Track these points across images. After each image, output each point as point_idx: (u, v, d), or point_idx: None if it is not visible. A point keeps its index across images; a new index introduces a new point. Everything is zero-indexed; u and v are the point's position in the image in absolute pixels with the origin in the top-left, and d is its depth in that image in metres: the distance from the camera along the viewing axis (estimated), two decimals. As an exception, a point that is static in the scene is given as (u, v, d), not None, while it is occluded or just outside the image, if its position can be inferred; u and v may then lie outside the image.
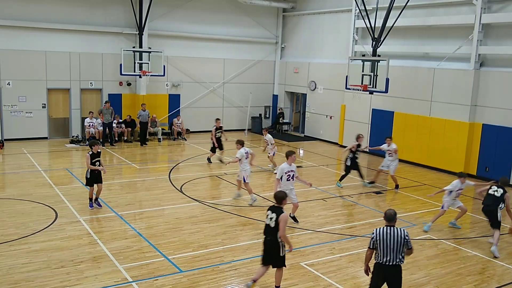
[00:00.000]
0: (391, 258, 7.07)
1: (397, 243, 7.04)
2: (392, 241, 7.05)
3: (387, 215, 7.23)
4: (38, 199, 13.14)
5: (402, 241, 7.07)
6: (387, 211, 7.27)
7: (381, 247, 7.09)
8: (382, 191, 15.77)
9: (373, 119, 21.53)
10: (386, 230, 7.12)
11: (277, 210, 8.11)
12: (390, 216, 7.20)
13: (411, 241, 7.24)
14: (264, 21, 26.88)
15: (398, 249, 7.06)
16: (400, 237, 7.07)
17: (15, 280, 8.48)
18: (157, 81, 23.46)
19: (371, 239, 7.17)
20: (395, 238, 7.05)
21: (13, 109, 21.01)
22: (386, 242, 7.06)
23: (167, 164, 18.78)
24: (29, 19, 20.69)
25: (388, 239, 7.06)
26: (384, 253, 7.09)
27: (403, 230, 7.17)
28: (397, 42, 20.45)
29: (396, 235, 7.07)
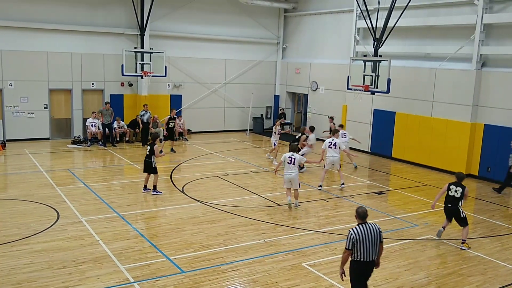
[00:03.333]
0: (371, 254, 7.26)
1: (374, 238, 7.26)
2: (370, 237, 7.22)
3: (360, 214, 7.37)
4: (40, 200, 13.16)
5: (377, 235, 7.29)
6: (359, 209, 7.41)
7: (361, 245, 7.19)
8: (384, 191, 15.76)
9: (375, 120, 21.52)
10: (363, 228, 7.26)
11: (462, 186, 10.80)
12: (363, 214, 7.36)
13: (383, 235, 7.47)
14: (266, 21, 26.89)
15: (375, 244, 7.29)
16: (376, 231, 7.30)
17: (17, 281, 8.49)
18: (158, 82, 23.49)
19: (350, 240, 7.19)
20: (372, 234, 7.25)
21: (15, 110, 21.04)
22: (365, 240, 7.19)
23: (169, 164, 18.78)
24: (31, 20, 20.72)
25: (367, 236, 7.21)
26: (364, 251, 7.21)
27: (376, 224, 7.42)
28: (399, 42, 20.45)
29: (372, 230, 7.28)
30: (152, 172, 14.21)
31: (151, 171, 14.19)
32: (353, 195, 15.06)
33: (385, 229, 12.07)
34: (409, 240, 11.34)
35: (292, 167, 13.06)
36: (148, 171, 14.23)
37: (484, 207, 14.38)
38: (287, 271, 9.33)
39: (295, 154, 13.22)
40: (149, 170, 14.21)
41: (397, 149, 20.54)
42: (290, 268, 9.45)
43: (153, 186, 14.26)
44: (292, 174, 13.08)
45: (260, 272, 9.26)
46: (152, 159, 14.08)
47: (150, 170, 14.18)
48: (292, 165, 13.05)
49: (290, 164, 13.05)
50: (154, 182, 14.24)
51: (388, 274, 9.43)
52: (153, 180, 14.25)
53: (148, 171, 14.24)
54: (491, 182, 17.22)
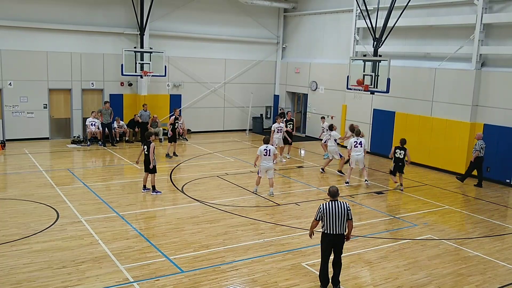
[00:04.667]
0: (337, 228, 8.24)
1: (341, 214, 8.21)
2: (337, 213, 8.20)
3: (331, 192, 8.38)
4: (40, 200, 13.16)
5: (345, 212, 8.24)
6: (331, 188, 8.42)
7: (328, 219, 8.23)
8: (383, 191, 15.76)
9: (374, 119, 21.52)
10: (331, 204, 8.28)
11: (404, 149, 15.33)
12: (333, 192, 8.36)
13: (351, 213, 8.38)
14: (265, 21, 26.89)
15: (342, 219, 8.25)
16: (343, 208, 8.24)
17: (17, 280, 8.49)
18: (158, 82, 23.48)
19: (318, 212, 8.32)
20: (340, 210, 8.22)
21: (15, 110, 21.03)
22: (332, 215, 8.20)
23: (168, 164, 18.78)
24: (30, 20, 20.72)
25: (334, 211, 8.21)
26: (331, 224, 8.24)
27: (345, 203, 8.34)
28: (398, 42, 20.45)
29: (340, 208, 8.24)
30: (151, 171, 14.22)
31: (150, 170, 14.20)
32: (353, 195, 15.06)
33: (385, 228, 12.10)
34: (408, 240, 11.35)
35: (268, 158, 14.28)
36: (148, 170, 14.25)
37: (483, 207, 14.38)
38: (286, 271, 9.33)
39: (269, 146, 14.36)
40: (148, 170, 14.23)
41: (396, 149, 20.51)
42: (290, 268, 9.46)
43: (152, 186, 14.30)
44: (269, 164, 14.33)
45: (260, 271, 9.26)
46: (152, 158, 14.09)
47: (149, 169, 14.20)
48: (268, 157, 14.26)
49: (266, 156, 14.24)
50: (152, 182, 14.28)
51: (387, 273, 9.43)
52: (151, 180, 14.29)
53: (148, 171, 14.26)
54: (491, 182, 17.23)
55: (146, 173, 14.34)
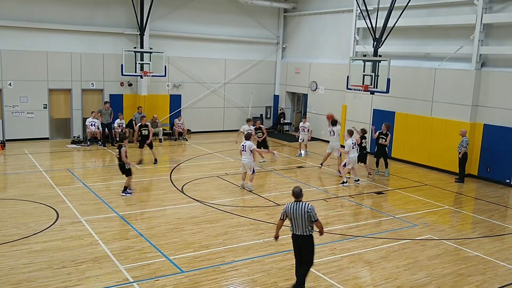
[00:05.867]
0: (300, 229, 8.10)
1: (302, 215, 8.02)
2: (298, 214, 8.03)
3: (294, 193, 8.22)
4: (40, 200, 13.15)
5: (305, 214, 8.00)
6: (294, 189, 8.25)
7: (291, 220, 8.13)
8: (383, 191, 15.76)
9: (375, 119, 21.51)
10: (293, 205, 8.12)
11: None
12: (297, 193, 8.20)
13: (316, 214, 8.07)
14: (265, 21, 26.89)
15: (303, 221, 8.04)
16: (304, 210, 8.01)
17: (16, 280, 8.49)
18: (158, 82, 23.47)
19: (283, 211, 8.24)
20: (301, 212, 8.02)
21: (15, 110, 21.03)
22: (294, 215, 8.06)
23: (168, 164, 18.78)
24: (30, 20, 20.71)
25: (295, 212, 8.05)
26: (294, 225, 8.14)
27: (307, 204, 8.11)
28: (398, 42, 20.45)
29: (301, 209, 8.04)
30: (126, 174, 13.95)
31: (125, 173, 13.94)
32: (353, 195, 15.06)
33: (385, 229, 12.10)
34: (408, 240, 11.35)
35: (244, 154, 14.67)
36: (124, 173, 13.98)
37: (483, 207, 14.38)
38: (286, 271, 9.32)
39: (246, 141, 14.73)
40: (124, 173, 13.95)
41: (396, 149, 20.54)
42: (290, 268, 9.44)
43: (124, 187, 14.01)
44: (245, 160, 14.68)
45: (260, 272, 9.26)
46: (126, 161, 13.79)
47: (124, 172, 13.94)
48: (244, 152, 14.66)
49: (243, 151, 14.70)
50: (126, 183, 14.00)
51: (387, 273, 9.43)
52: (126, 181, 14.00)
53: (123, 173, 14.01)
54: (491, 182, 17.24)
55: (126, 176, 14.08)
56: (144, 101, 23.38)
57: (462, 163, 17.05)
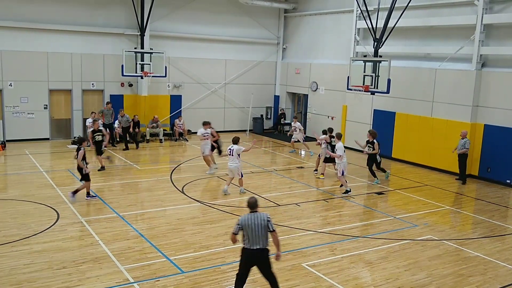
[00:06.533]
0: (257, 242, 7.49)
1: (260, 226, 7.47)
2: (255, 225, 7.47)
3: (250, 203, 7.66)
4: (40, 200, 13.15)
5: (264, 223, 7.49)
6: (249, 199, 7.71)
7: (248, 232, 7.48)
8: (384, 192, 15.75)
9: (375, 120, 21.51)
10: (249, 216, 7.55)
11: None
12: (252, 203, 7.65)
13: (273, 224, 7.61)
14: (266, 22, 26.90)
15: (261, 232, 7.49)
16: (262, 219, 7.51)
17: (17, 281, 8.49)
18: (158, 82, 23.48)
19: (236, 225, 7.56)
20: (258, 222, 7.48)
21: (15, 110, 21.04)
22: (251, 227, 7.46)
23: (169, 165, 18.78)
24: (31, 20, 20.73)
25: (252, 224, 7.47)
26: (251, 238, 7.49)
27: (264, 214, 7.64)
28: (399, 42, 20.44)
29: (258, 219, 7.51)
30: (83, 178, 13.25)
31: (83, 177, 13.24)
32: (353, 195, 15.04)
33: (385, 229, 12.09)
34: (409, 240, 11.34)
35: (231, 158, 14.11)
36: (83, 178, 13.28)
37: (484, 208, 14.37)
38: (287, 271, 9.32)
39: (234, 145, 14.15)
40: (83, 177, 13.26)
41: (397, 149, 20.54)
42: (290, 269, 9.45)
43: (75, 189, 13.20)
44: (232, 165, 14.14)
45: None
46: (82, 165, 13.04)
47: (82, 177, 13.25)
48: (231, 156, 14.10)
49: (230, 155, 14.15)
50: (80, 187, 13.27)
51: (388, 274, 9.43)
52: (81, 185, 13.31)
53: (83, 179, 13.29)
54: (491, 183, 17.23)
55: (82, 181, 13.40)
56: (145, 101, 23.38)
57: (463, 163, 17.04)
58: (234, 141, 14.36)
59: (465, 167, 17.13)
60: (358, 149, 22.05)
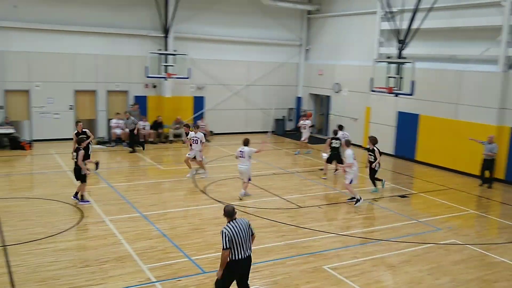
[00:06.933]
0: (246, 249, 7.26)
1: (246, 232, 7.25)
2: (243, 232, 7.21)
3: (228, 212, 7.31)
4: (65, 199, 13.36)
5: (248, 228, 7.31)
6: (226, 208, 7.37)
7: (237, 243, 7.14)
8: (407, 194, 15.58)
9: (399, 122, 21.31)
10: (234, 225, 7.20)
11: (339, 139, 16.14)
12: (231, 212, 7.30)
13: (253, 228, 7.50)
14: (289, 23, 26.87)
15: (248, 238, 7.29)
16: (246, 225, 7.30)
17: (42, 278, 8.65)
18: (182, 84, 23.66)
19: (226, 238, 7.05)
20: (243, 228, 7.24)
21: (42, 111, 21.43)
22: (239, 236, 7.16)
23: (192, 165, 18.89)
24: (57, 22, 21.08)
25: (239, 231, 7.17)
26: (239, 247, 7.17)
27: (244, 219, 7.45)
28: (423, 44, 20.17)
29: (242, 225, 7.25)
30: (80, 179, 13.06)
31: (80, 178, 13.05)
32: (376, 198, 14.92)
33: (407, 232, 11.96)
34: (432, 244, 11.19)
35: (242, 160, 13.82)
36: (77, 178, 13.12)
37: (510, 212, 14.10)
38: (308, 274, 9.30)
39: (245, 147, 13.86)
40: (79, 178, 13.08)
41: (421, 152, 20.30)
42: (311, 271, 9.42)
43: (80, 195, 13.18)
44: (243, 167, 13.87)
45: (281, 274, 9.25)
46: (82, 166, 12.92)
47: (79, 177, 13.07)
48: (242, 158, 13.80)
49: (240, 158, 13.83)
50: (80, 190, 13.16)
51: (410, 278, 9.33)
52: (79, 187, 13.15)
53: (77, 179, 13.12)
54: (518, 187, 16.91)
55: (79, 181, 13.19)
56: (168, 103, 23.58)
57: (490, 167, 16.79)
58: (245, 143, 14.02)
59: (492, 171, 16.84)
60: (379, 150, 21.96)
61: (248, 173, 13.97)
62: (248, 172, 13.96)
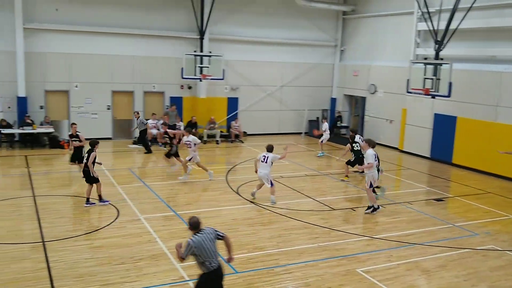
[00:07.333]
0: (214, 259, 6.98)
1: (212, 242, 7.00)
2: (209, 241, 6.95)
3: (194, 224, 7.04)
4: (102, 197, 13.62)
5: (213, 236, 7.03)
6: (191, 220, 7.07)
7: (205, 254, 6.88)
8: (443, 198, 15.27)
9: (436, 124, 20.90)
10: (201, 237, 6.93)
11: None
12: (196, 223, 7.05)
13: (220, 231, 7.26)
14: (323, 24, 26.73)
15: (215, 247, 7.02)
16: (211, 234, 7.04)
17: (79, 274, 8.86)
18: (216, 85, 23.84)
19: (189, 250, 6.82)
20: (210, 238, 6.99)
21: (80, 110, 21.96)
22: (207, 246, 6.89)
23: (225, 165, 19.02)
24: (96, 24, 21.58)
25: (207, 242, 6.92)
26: (212, 257, 6.95)
27: (209, 227, 7.17)
28: (461, 44, 19.73)
29: (209, 235, 7.00)
30: (93, 182, 13.00)
31: (92, 181, 12.98)
32: (411, 201, 14.67)
33: (443, 237, 11.71)
34: (469, 249, 10.93)
35: (264, 165, 13.61)
36: (89, 181, 13.00)
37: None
38: (341, 276, 9.23)
39: (269, 153, 13.75)
40: (89, 181, 12.99)
41: (458, 155, 19.86)
42: (344, 274, 9.35)
43: (98, 196, 13.08)
44: (263, 172, 13.65)
45: (314, 276, 9.21)
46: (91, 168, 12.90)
47: (90, 180, 12.98)
48: (264, 164, 13.62)
49: (263, 163, 13.64)
50: (98, 191, 13.06)
51: (446, 283, 9.14)
52: (97, 190, 13.06)
53: (89, 182, 13.00)
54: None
55: (88, 184, 13.03)
56: (203, 103, 23.79)
57: None
58: (269, 149, 13.89)
59: None
60: (415, 153, 21.61)
61: (267, 178, 13.67)
62: (267, 177, 13.67)
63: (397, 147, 23.00)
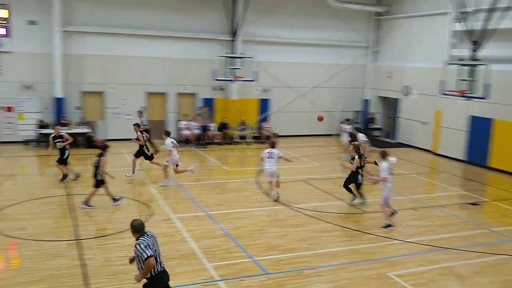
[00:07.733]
0: (161, 260, 6.98)
1: (157, 244, 7.01)
2: (156, 244, 6.96)
3: (139, 227, 6.91)
4: (134, 197, 13.88)
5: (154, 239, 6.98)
6: (135, 222, 6.94)
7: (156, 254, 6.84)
8: (478, 202, 14.93)
9: (471, 127, 20.45)
10: (149, 239, 6.84)
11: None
12: (139, 227, 6.93)
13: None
14: (356, 25, 26.49)
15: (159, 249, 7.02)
16: (155, 236, 7.00)
17: (112, 272, 9.04)
18: (248, 86, 23.89)
19: (143, 247, 6.70)
20: (155, 240, 6.98)
21: (114, 112, 22.37)
22: (155, 247, 6.87)
23: (256, 167, 19.04)
24: (130, 27, 21.94)
25: (155, 244, 6.92)
26: (159, 259, 6.92)
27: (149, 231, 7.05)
28: (498, 45, 19.20)
29: (153, 238, 6.99)
30: (97, 184, 12.94)
31: (97, 183, 12.95)
32: (445, 205, 14.40)
33: (478, 242, 11.45)
34: (506, 255, 10.65)
35: (271, 161, 13.87)
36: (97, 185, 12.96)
37: None
38: (372, 280, 9.13)
39: (273, 149, 14.04)
40: (98, 184, 12.96)
41: (494, 158, 19.37)
42: (376, 277, 9.24)
43: (112, 198, 13.08)
44: (273, 167, 13.87)
45: (344, 279, 9.14)
46: (98, 172, 12.94)
47: (96, 182, 12.94)
48: (271, 159, 13.88)
49: (270, 158, 13.90)
50: (106, 193, 13.07)
51: (480, 289, 8.95)
52: (107, 192, 13.07)
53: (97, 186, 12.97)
54: None
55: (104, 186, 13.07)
56: (234, 105, 23.89)
57: None
58: (273, 145, 14.32)
59: None
60: (449, 156, 21.17)
61: (278, 172, 14.03)
62: (278, 172, 14.03)
63: (430, 149, 22.60)
